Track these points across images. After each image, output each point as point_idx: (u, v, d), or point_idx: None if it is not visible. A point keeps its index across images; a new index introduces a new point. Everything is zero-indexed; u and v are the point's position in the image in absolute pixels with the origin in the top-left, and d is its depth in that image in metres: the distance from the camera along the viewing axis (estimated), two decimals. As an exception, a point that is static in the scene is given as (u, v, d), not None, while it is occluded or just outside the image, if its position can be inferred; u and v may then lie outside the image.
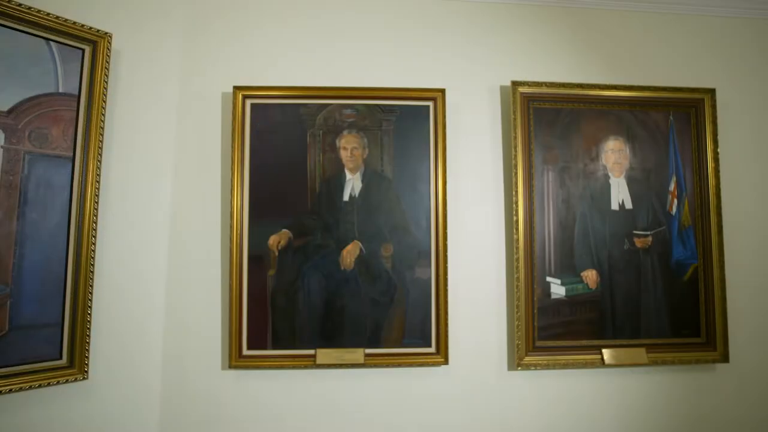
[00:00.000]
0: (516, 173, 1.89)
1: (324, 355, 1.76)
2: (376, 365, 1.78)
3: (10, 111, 1.47)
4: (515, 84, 1.93)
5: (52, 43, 1.56)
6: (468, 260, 1.91)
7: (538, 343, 1.86)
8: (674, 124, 2.00)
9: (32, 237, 1.49)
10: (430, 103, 1.88)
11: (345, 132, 1.86)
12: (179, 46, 1.92)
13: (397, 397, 1.83)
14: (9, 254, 1.44)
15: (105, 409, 1.65)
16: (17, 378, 1.44)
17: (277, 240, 1.79)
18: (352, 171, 1.85)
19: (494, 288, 1.92)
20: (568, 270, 1.90)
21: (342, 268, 1.80)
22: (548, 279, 1.88)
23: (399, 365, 1.79)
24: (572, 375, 1.89)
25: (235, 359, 1.75)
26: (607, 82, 2.00)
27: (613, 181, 1.95)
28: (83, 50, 1.62)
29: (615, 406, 1.90)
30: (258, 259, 1.79)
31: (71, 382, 1.54)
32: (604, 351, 1.86)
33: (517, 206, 1.88)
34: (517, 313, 1.84)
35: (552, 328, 1.87)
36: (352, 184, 1.84)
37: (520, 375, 1.88)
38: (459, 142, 1.95)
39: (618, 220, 1.94)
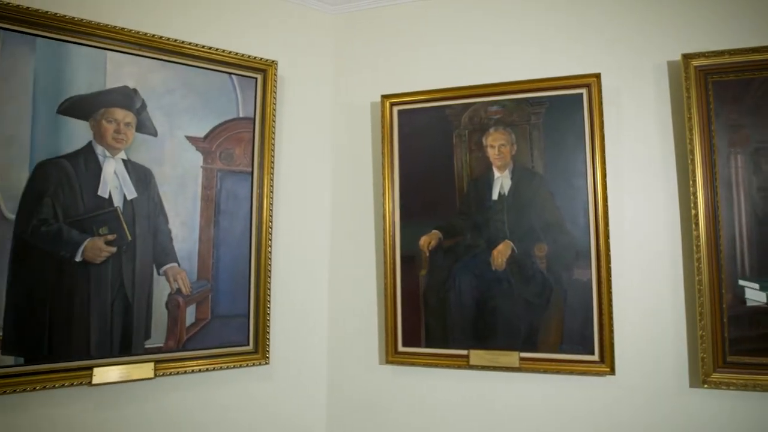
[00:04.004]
0: (693, 160, 1.64)
1: (477, 356, 1.74)
2: (531, 370, 1.70)
3: (206, 137, 1.77)
4: (687, 57, 1.67)
5: (233, 75, 1.83)
6: (635, 260, 1.71)
7: (730, 359, 1.58)
8: None
9: (224, 241, 1.77)
10: (583, 91, 1.74)
11: (491, 129, 1.82)
12: (331, 64, 2.12)
13: (555, 406, 1.73)
14: (209, 255, 1.74)
15: (282, 391, 1.88)
16: (217, 359, 1.72)
17: (427, 241, 1.84)
18: (501, 169, 1.80)
19: (669, 292, 1.69)
20: (770, 272, 1.58)
21: (493, 268, 1.76)
22: (741, 282, 1.59)
23: (557, 372, 1.69)
24: (777, 399, 1.57)
25: (391, 355, 1.84)
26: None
27: (832, 161, 1.58)
28: (256, 79, 1.87)
29: (844, 443, 1.53)
30: (410, 259, 1.85)
31: (256, 365, 1.78)
32: (828, 374, 1.51)
33: (695, 198, 1.63)
34: (700, 321, 1.59)
35: (748, 341, 1.57)
36: (501, 182, 1.79)
37: (706, 394, 1.62)
38: (619, 129, 1.77)
39: (842, 209, 1.55)
